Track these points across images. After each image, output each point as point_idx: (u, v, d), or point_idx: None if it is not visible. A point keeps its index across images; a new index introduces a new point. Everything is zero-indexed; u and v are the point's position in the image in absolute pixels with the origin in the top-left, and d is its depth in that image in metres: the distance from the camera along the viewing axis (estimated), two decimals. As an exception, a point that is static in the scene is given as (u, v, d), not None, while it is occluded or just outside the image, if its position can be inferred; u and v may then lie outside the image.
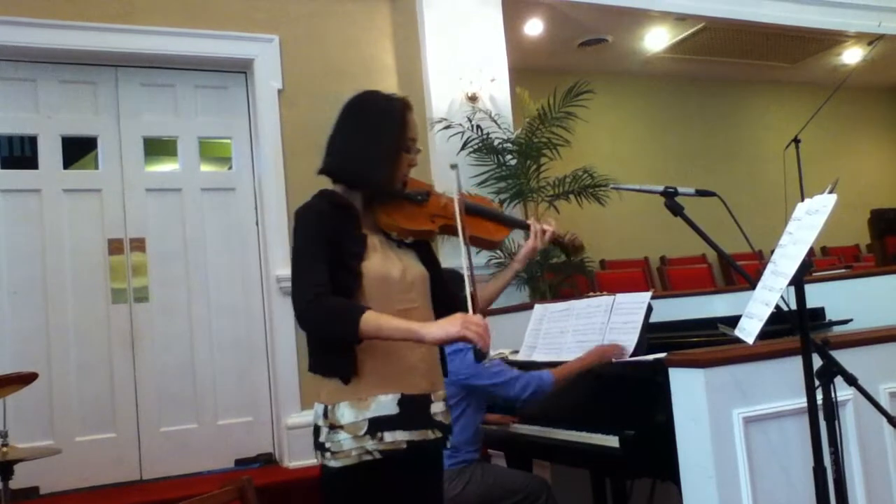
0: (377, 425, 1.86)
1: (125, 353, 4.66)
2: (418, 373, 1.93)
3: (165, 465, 4.62)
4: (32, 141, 4.70)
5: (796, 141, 5.27)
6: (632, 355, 2.75)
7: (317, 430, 1.93)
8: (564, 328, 3.17)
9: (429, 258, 2.09)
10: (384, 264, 1.93)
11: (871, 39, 7.18)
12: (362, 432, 1.85)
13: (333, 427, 1.88)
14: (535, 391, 2.79)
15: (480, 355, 1.78)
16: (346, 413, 1.87)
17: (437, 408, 1.96)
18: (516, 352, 3.33)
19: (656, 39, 7.03)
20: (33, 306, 4.50)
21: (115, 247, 4.73)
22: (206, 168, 5.16)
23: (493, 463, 3.51)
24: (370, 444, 1.85)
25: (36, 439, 4.17)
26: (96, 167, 4.83)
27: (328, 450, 1.89)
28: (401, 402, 1.88)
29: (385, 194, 2.00)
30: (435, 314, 2.02)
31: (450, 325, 1.77)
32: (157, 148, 5.09)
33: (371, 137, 1.98)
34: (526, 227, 2.22)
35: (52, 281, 4.55)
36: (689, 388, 2.22)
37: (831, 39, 7.31)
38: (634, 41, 7.03)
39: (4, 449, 3.04)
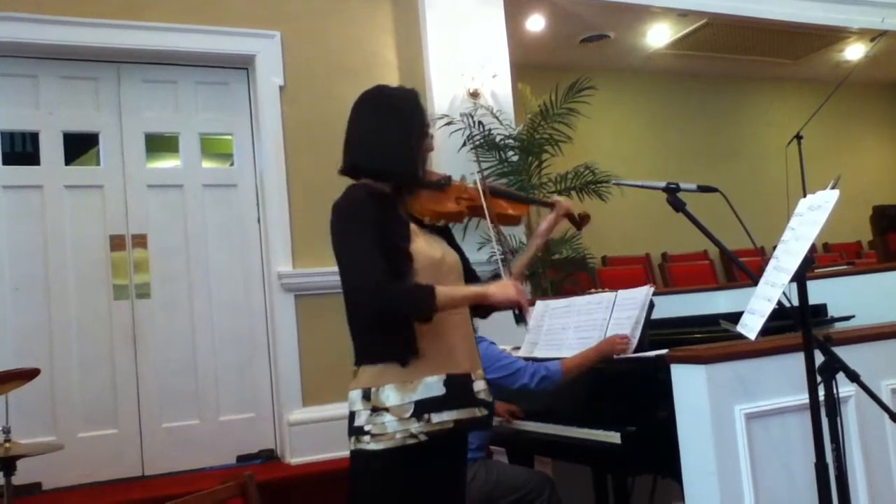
0: (423, 407, 1.88)
1: (127, 349, 4.66)
2: (460, 352, 1.97)
3: (167, 462, 4.62)
4: (34, 137, 4.70)
5: (798, 137, 5.27)
6: (634, 351, 2.75)
7: (352, 415, 1.93)
8: (566, 324, 3.17)
9: (455, 245, 2.16)
10: (427, 247, 1.99)
11: (874, 36, 7.18)
12: (408, 415, 1.87)
13: (377, 409, 1.88)
14: (543, 380, 2.81)
15: (522, 318, 1.95)
16: (391, 395, 1.88)
17: (479, 386, 1.99)
18: (518, 348, 3.33)
19: (658, 36, 7.02)
20: (35, 302, 4.50)
21: (116, 243, 4.73)
22: (207, 164, 5.16)
23: (496, 459, 3.51)
24: (415, 426, 1.87)
25: (38, 435, 4.18)
26: (98, 163, 4.83)
27: (368, 432, 1.88)
28: (447, 383, 1.91)
29: (412, 182, 2.06)
30: None
31: (508, 289, 1.94)
32: (159, 144, 5.09)
33: (392, 129, 2.04)
34: (544, 205, 2.34)
35: (54, 277, 4.56)
36: (690, 384, 2.22)
37: (834, 36, 7.30)
38: (636, 37, 7.02)
39: (7, 445, 3.04)
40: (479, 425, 2.00)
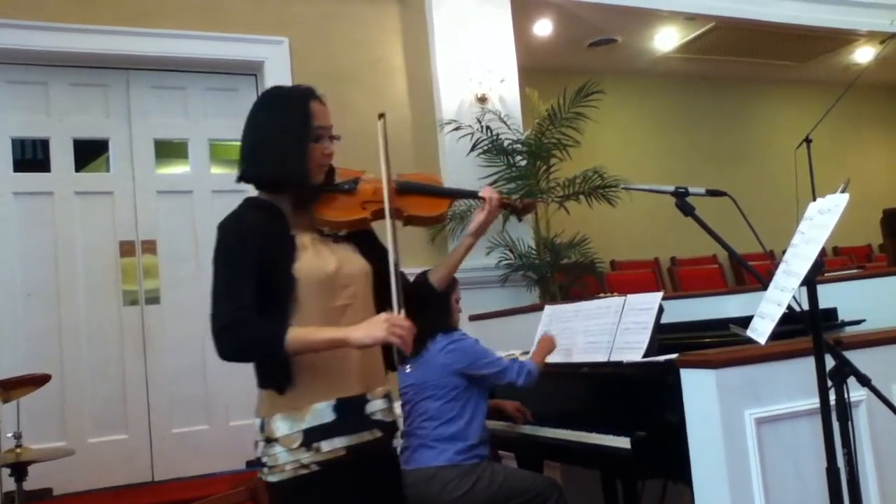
0: (312, 436, 1.80)
1: (137, 354, 4.68)
2: (354, 375, 1.87)
3: (177, 466, 4.63)
4: (44, 144, 4.74)
5: (808, 140, 5.25)
6: (644, 356, 2.74)
7: (255, 444, 1.87)
8: (575, 329, 3.16)
9: (373, 251, 1.98)
10: (316, 261, 1.85)
11: (883, 38, 7.15)
12: (296, 445, 1.79)
13: (269, 440, 1.82)
14: (528, 374, 2.95)
15: (402, 358, 1.76)
16: (280, 425, 1.81)
17: (373, 406, 1.89)
18: (526, 353, 3.33)
19: (666, 39, 7.01)
20: (46, 308, 4.52)
21: (126, 249, 4.75)
22: (216, 170, 5.17)
23: (504, 464, 3.51)
24: (305, 456, 1.79)
25: (49, 441, 4.18)
26: (108, 170, 4.86)
27: (265, 464, 1.83)
28: (337, 408, 1.82)
29: (307, 190, 1.91)
30: (387, 306, 1.93)
31: (375, 329, 1.73)
32: (168, 150, 5.11)
33: (272, 137, 1.90)
34: (471, 196, 2.12)
35: (65, 283, 4.58)
36: (700, 388, 2.21)
37: (842, 38, 7.28)
38: (644, 41, 7.02)
39: (18, 450, 3.06)
40: (375, 449, 1.89)
